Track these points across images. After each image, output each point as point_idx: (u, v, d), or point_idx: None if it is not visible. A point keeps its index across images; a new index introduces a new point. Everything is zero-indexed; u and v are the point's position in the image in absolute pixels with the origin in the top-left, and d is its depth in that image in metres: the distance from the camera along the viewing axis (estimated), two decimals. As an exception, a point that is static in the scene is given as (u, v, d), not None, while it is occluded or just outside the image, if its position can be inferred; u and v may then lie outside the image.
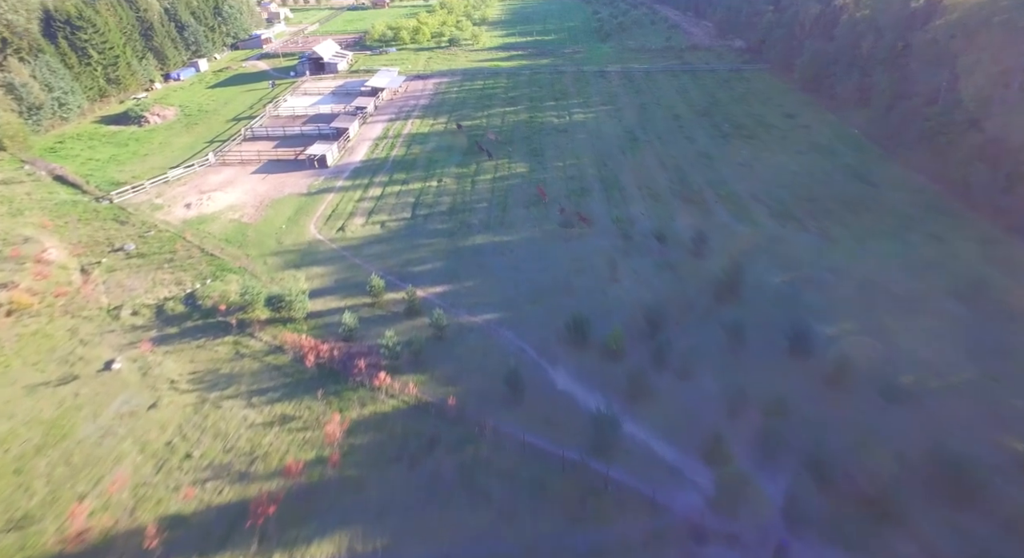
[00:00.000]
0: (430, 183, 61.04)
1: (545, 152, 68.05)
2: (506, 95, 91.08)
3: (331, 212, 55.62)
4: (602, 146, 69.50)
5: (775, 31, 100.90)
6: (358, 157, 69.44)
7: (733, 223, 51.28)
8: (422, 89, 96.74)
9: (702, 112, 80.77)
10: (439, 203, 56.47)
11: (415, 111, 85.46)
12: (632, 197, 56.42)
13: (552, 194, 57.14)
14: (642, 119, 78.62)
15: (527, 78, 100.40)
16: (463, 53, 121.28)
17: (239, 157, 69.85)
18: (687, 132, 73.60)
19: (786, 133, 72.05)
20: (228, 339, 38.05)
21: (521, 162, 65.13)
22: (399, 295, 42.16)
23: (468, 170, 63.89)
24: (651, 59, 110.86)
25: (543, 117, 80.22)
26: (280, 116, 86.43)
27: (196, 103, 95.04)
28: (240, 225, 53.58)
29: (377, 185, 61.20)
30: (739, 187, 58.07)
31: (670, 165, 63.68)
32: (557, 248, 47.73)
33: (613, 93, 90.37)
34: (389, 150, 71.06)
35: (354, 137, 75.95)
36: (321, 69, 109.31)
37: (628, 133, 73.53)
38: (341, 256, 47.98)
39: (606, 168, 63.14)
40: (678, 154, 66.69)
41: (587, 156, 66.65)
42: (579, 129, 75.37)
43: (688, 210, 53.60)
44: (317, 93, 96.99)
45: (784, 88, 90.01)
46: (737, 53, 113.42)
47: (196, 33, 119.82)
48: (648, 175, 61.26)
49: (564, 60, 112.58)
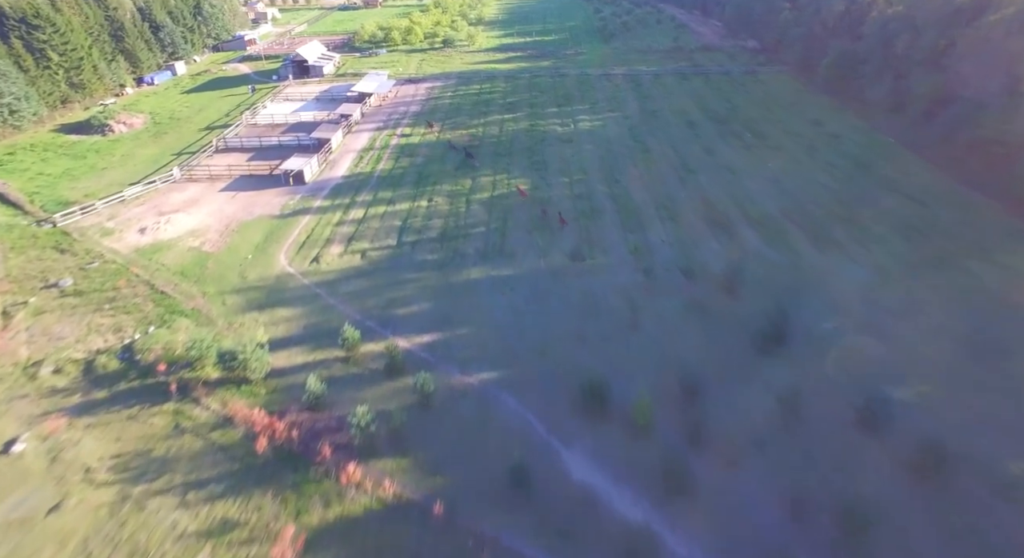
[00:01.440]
0: (419, 203, 54.37)
1: (548, 165, 61.44)
2: (504, 101, 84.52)
3: (305, 238, 48.93)
4: (611, 158, 62.92)
5: (793, 30, 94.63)
6: (340, 171, 62.75)
7: (767, 251, 44.68)
8: (413, 94, 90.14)
9: (719, 119, 74.30)
10: (429, 227, 49.79)
11: (405, 119, 78.85)
12: (649, 219, 49.81)
13: (565, 217, 50.49)
14: (653, 127, 72.09)
15: (527, 82, 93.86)
16: (458, 55, 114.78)
17: (207, 172, 63.12)
18: (704, 141, 67.09)
19: (814, 142, 65.60)
20: (168, 407, 31.30)
21: (522, 177, 58.50)
22: (379, 346, 35.51)
23: (462, 186, 57.23)
24: (659, 61, 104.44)
25: (545, 125, 73.64)
26: (258, 124, 79.76)
27: (168, 110, 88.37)
28: (200, 255, 46.82)
29: (359, 205, 54.52)
30: (769, 206, 51.53)
31: (689, 180, 57.13)
32: (566, 284, 41.07)
33: (620, 98, 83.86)
34: (375, 163, 64.39)
35: (337, 148, 69.28)
36: (305, 72, 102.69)
37: (639, 143, 66.96)
38: (313, 295, 41.25)
39: (617, 184, 56.55)
40: (697, 167, 60.15)
41: (595, 170, 60.06)
42: (585, 138, 68.79)
43: (714, 235, 46.99)
44: (300, 99, 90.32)
45: (805, 91, 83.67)
46: (751, 54, 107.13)
47: (173, 34, 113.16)
48: (665, 192, 54.68)
49: (566, 62, 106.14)
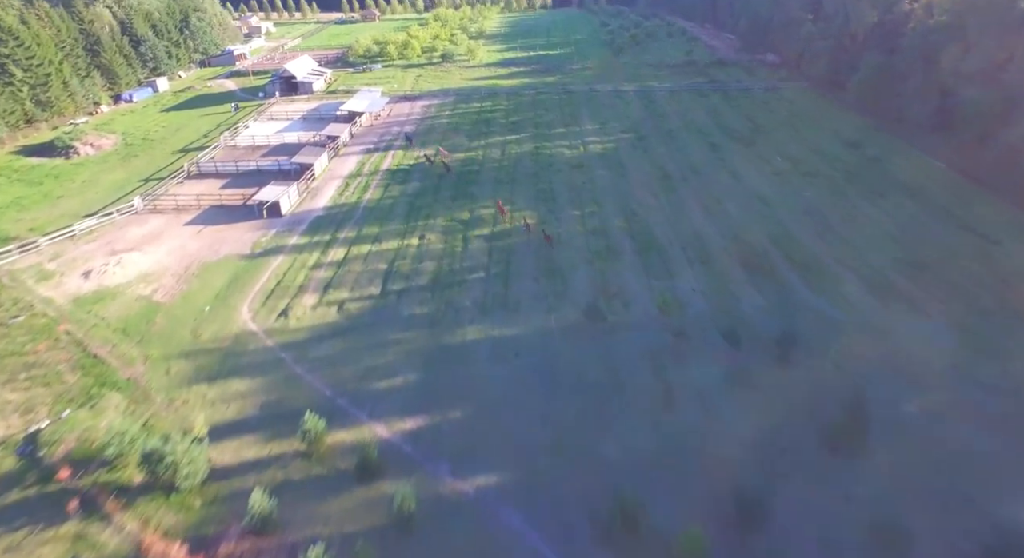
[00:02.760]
0: (409, 241, 47.87)
1: (557, 195, 55.02)
2: (507, 120, 78.49)
3: (275, 285, 42.38)
4: (628, 187, 56.49)
5: (817, 43, 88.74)
6: (322, 202, 56.40)
7: (820, 303, 37.91)
8: (408, 113, 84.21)
9: (743, 140, 68.03)
10: (419, 272, 43.20)
11: (398, 140, 72.74)
12: (676, 262, 43.15)
13: (575, 258, 43.91)
14: (672, 150, 65.79)
15: (531, 99, 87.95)
16: (457, 70, 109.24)
17: (174, 202, 56.88)
18: (730, 166, 60.70)
19: (854, 168, 59.14)
20: (67, 528, 24.48)
21: (527, 209, 52.04)
22: (351, 435, 28.81)
23: (459, 220, 50.78)
24: (672, 76, 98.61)
25: (552, 148, 67.39)
26: (237, 147, 73.76)
27: (143, 129, 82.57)
28: (149, 305, 40.26)
29: (341, 243, 48.05)
30: (814, 246, 44.88)
31: (718, 213, 50.60)
32: (581, 348, 34.32)
33: (634, 117, 77.74)
34: (361, 192, 58.05)
35: (321, 174, 63.03)
36: (294, 89, 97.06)
37: (658, 169, 60.59)
38: (276, 361, 34.55)
39: (636, 218, 50.02)
40: (725, 197, 53.67)
41: (610, 201, 53.60)
42: (597, 164, 62.44)
43: (753, 282, 40.27)
44: (285, 118, 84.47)
45: (835, 110, 77.50)
46: (770, 68, 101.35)
47: (155, 48, 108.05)
48: (692, 228, 48.11)
49: (573, 78, 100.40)
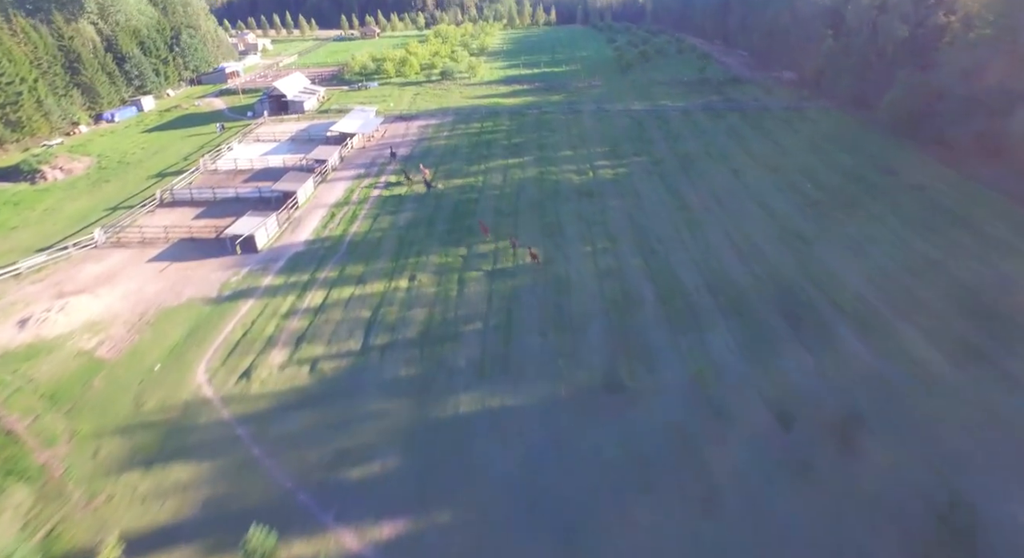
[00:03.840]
0: (397, 282, 42.36)
1: (565, 228, 49.60)
2: (509, 141, 73.54)
3: (240, 337, 36.82)
4: (644, 219, 51.08)
5: (840, 60, 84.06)
6: (303, 235, 51.11)
7: (884, 367, 32.05)
8: (404, 133, 79.42)
9: (768, 165, 62.78)
10: (407, 322, 37.61)
11: (392, 164, 67.73)
12: (706, 312, 37.46)
13: (588, 306, 38.31)
14: (691, 176, 60.53)
15: (535, 119, 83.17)
16: (457, 88, 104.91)
17: (139, 234, 51.68)
18: (757, 195, 55.33)
19: (896, 197, 53.71)
20: None
21: (531, 244, 46.52)
22: (310, 549, 22.99)
23: (454, 259, 45.31)
24: (686, 95, 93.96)
25: (558, 173, 62.20)
26: (218, 171, 68.89)
27: (120, 151, 78.00)
28: (90, 363, 34.70)
29: (320, 285, 42.57)
30: (862, 289, 39.20)
31: (749, 251, 45.04)
32: (598, 430, 28.52)
33: (646, 139, 72.73)
34: (347, 223, 52.78)
35: (305, 203, 57.86)
36: (284, 108, 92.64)
37: (677, 198, 55.25)
38: (232, 439, 28.85)
39: (656, 257, 44.48)
40: (754, 231, 48.18)
41: (625, 234, 48.15)
42: (608, 191, 57.15)
43: (801, 339, 34.51)
44: (272, 139, 79.76)
45: (864, 131, 72.37)
46: (789, 87, 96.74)
47: (141, 66, 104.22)
48: (721, 269, 42.51)
49: (579, 96, 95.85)
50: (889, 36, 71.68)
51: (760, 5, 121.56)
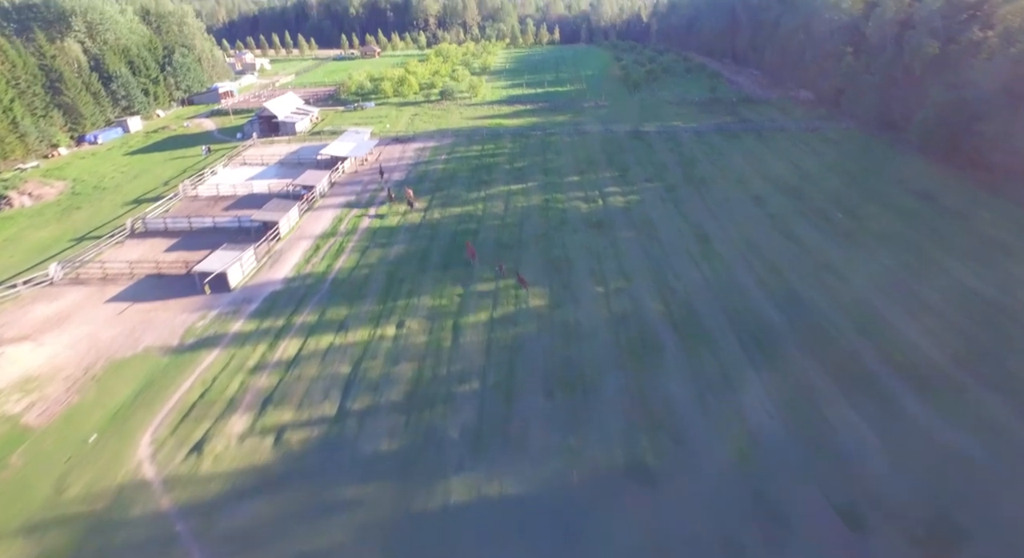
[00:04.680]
0: (384, 329, 37.53)
1: (573, 264, 44.84)
2: (511, 166, 69.23)
3: (198, 397, 31.93)
4: (659, 252, 46.33)
5: (862, 78, 79.97)
6: (283, 271, 46.45)
7: (961, 440, 26.87)
8: (399, 157, 75.27)
9: (791, 191, 58.25)
10: (392, 379, 32.69)
11: (384, 190, 63.36)
12: (736, 364, 32.47)
13: (601, 358, 33.37)
14: (708, 203, 55.93)
15: (539, 141, 79.04)
16: (457, 108, 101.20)
17: (101, 270, 47.09)
18: (781, 224, 50.64)
19: (935, 224, 49.05)
20: None
21: (536, 284, 41.78)
22: None
23: (450, 300, 40.51)
24: (697, 115, 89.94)
25: (565, 201, 57.67)
26: (198, 197, 64.62)
27: (98, 175, 73.99)
28: (12, 433, 29.81)
29: (296, 333, 37.74)
30: (918, 338, 34.17)
31: (777, 289, 40.17)
32: (618, 526, 23.38)
33: (659, 162, 68.37)
34: (332, 258, 48.14)
35: (288, 234, 53.34)
36: (275, 130, 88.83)
37: (694, 228, 50.58)
38: (167, 538, 23.77)
39: (675, 297, 39.60)
40: (782, 265, 43.37)
41: (640, 272, 43.33)
42: (620, 221, 52.55)
43: (853, 402, 29.42)
44: (259, 163, 75.66)
45: (892, 153, 67.95)
46: (805, 106, 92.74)
47: (128, 86, 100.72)
48: (749, 311, 37.60)
49: (585, 116, 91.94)
50: (917, 53, 67.54)
51: (771, 23, 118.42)
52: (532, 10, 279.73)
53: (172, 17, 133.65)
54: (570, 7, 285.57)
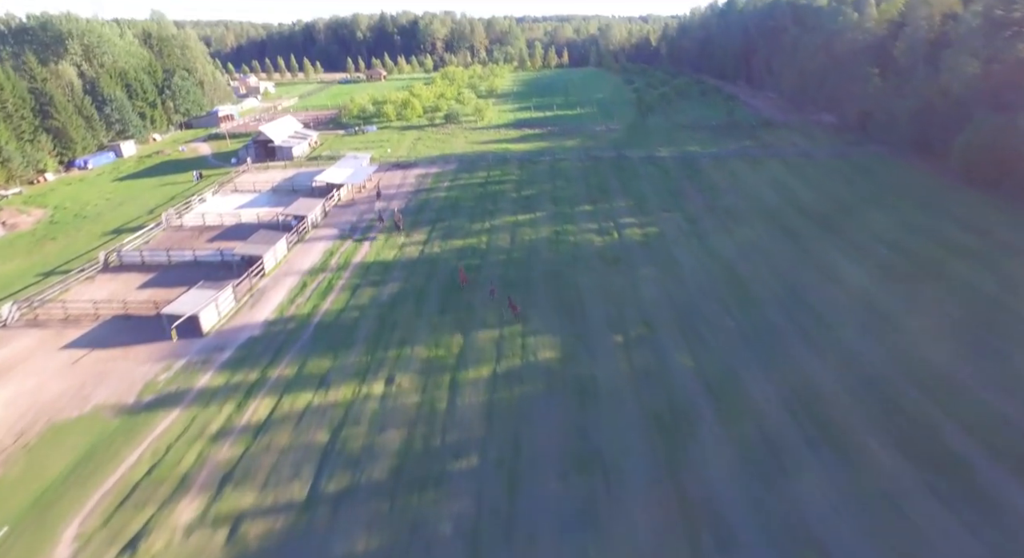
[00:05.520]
0: (370, 387, 32.71)
1: (587, 308, 40.02)
2: (519, 194, 65.02)
3: (144, 474, 27.11)
4: (686, 295, 41.45)
5: (892, 101, 75.65)
6: (264, 312, 41.91)
7: (1071, 544, 21.52)
8: (399, 184, 71.34)
9: (826, 223, 53.51)
10: (376, 452, 27.76)
11: (382, 220, 59.16)
12: (789, 444, 27.30)
13: (623, 429, 28.30)
14: (736, 238, 51.19)
15: (548, 167, 75.00)
16: (462, 132, 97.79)
17: (63, 310, 42.71)
18: (820, 261, 45.76)
19: (996, 263, 43.91)
20: None
21: (546, 332, 36.99)
22: None
23: (447, 351, 35.71)
24: (715, 140, 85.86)
25: (577, 233, 53.14)
26: (183, 227, 60.69)
27: (82, 203, 70.48)
28: (-76, 518, 24.92)
29: (270, 389, 32.98)
30: (1007, 409, 28.81)
31: (825, 342, 35.11)
32: None
33: (677, 190, 63.95)
34: (320, 298, 43.58)
35: (273, 269, 48.98)
36: (271, 154, 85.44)
37: (723, 265, 45.79)
38: None
39: (708, 351, 34.61)
40: (827, 313, 38.36)
41: (665, 319, 38.40)
42: (638, 256, 47.85)
43: (944, 499, 24.04)
44: (252, 189, 71.93)
45: (932, 181, 63.18)
46: (830, 131, 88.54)
47: (123, 109, 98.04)
48: (797, 371, 32.51)
49: (597, 141, 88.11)
50: (955, 73, 63.20)
51: (789, 45, 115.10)
52: (540, 34, 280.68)
53: (174, 40, 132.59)
54: (578, 31, 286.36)
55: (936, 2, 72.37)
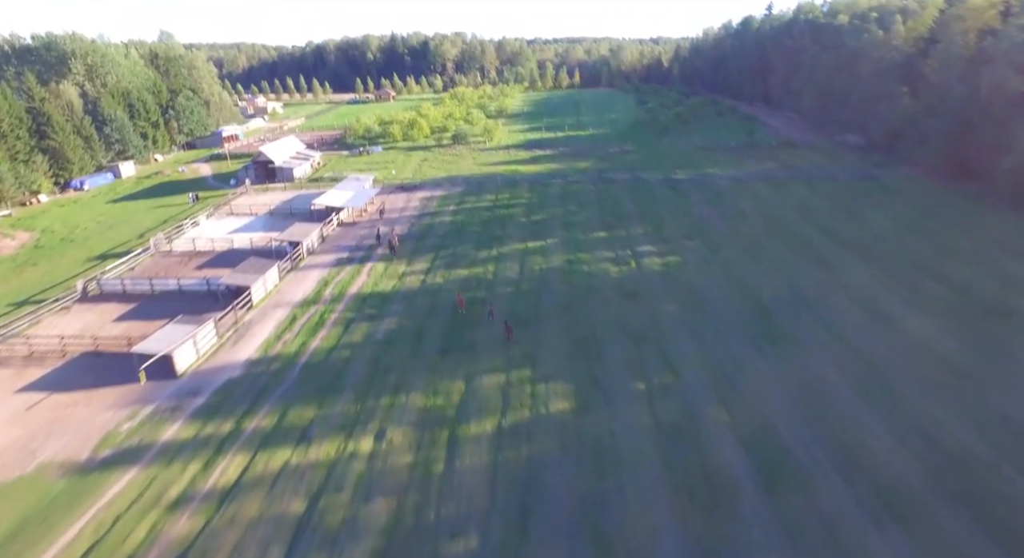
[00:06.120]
0: (358, 442, 28.73)
1: (604, 349, 35.95)
2: (528, 219, 61.41)
3: (83, 554, 23.06)
4: (714, 334, 37.28)
5: (924, 121, 71.73)
6: (247, 351, 38.22)
7: None
8: (403, 207, 68.07)
9: (863, 253, 49.30)
10: (359, 528, 23.68)
11: (382, 247, 55.72)
12: (847, 520, 22.98)
13: (648, 502, 24.04)
14: (765, 268, 47.07)
15: (559, 191, 71.54)
16: (470, 153, 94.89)
17: (26, 346, 39.26)
18: (858, 294, 41.54)
19: (1061, 302, 39.33)
20: None
21: (558, 376, 32.98)
22: None
23: (446, 401, 31.72)
24: (735, 161, 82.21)
25: (591, 263, 49.27)
26: (172, 253, 57.54)
27: (71, 225, 67.75)
28: None
29: (244, 444, 29.09)
30: (1099, 479, 24.31)
31: (876, 391, 30.82)
32: None
33: (698, 216, 60.08)
34: (309, 334, 39.85)
35: (262, 301, 45.44)
36: (271, 176, 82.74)
37: (750, 298, 41.66)
38: None
39: (742, 403, 30.37)
40: (874, 355, 34.10)
41: (691, 363, 34.23)
42: (659, 290, 43.81)
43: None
44: (249, 213, 68.93)
45: (975, 207, 58.97)
46: (856, 152, 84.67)
47: (123, 130, 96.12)
48: (847, 428, 28.19)
49: (611, 163, 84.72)
50: (997, 90, 59.23)
51: (808, 65, 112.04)
52: (551, 55, 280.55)
53: (181, 61, 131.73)
54: (589, 52, 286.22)
55: (971, 17, 68.82)
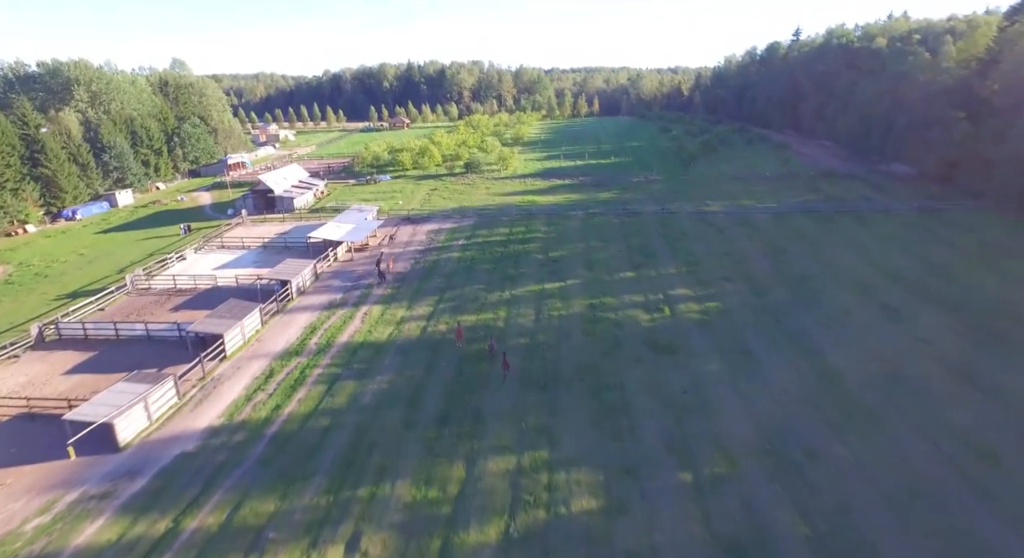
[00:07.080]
0: (323, 554, 22.34)
1: (636, 420, 29.52)
2: (545, 255, 55.58)
3: None
4: (772, 404, 30.66)
5: (990, 149, 65.26)
6: (210, 414, 32.42)
7: None
8: (407, 241, 62.74)
9: (937, 299, 42.48)
10: None
11: (381, 287, 50.14)
12: None
13: None
14: (822, 317, 40.43)
15: (580, 224, 65.83)
16: (483, 182, 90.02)
17: (-42, 407, 33.82)
18: (945, 356, 34.67)
19: None
20: None
21: (581, 461, 26.68)
22: None
23: (441, 490, 25.47)
24: (773, 193, 76.12)
25: (618, 308, 43.03)
26: (150, 290, 52.48)
27: (50, 258, 63.55)
28: None
29: (178, 554, 22.85)
30: None
31: (988, 478, 23.88)
32: None
33: (737, 254, 53.77)
34: (285, 395, 33.95)
35: (238, 351, 39.79)
36: (270, 205, 78.33)
37: (810, 355, 35.05)
38: None
39: (820, 500, 23.67)
40: (977, 430, 27.21)
41: (746, 441, 27.64)
42: (698, 342, 37.38)
43: None
44: (240, 246, 64.10)
45: (1057, 245, 51.84)
46: (905, 182, 78.34)
47: (123, 157, 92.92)
48: (961, 540, 21.22)
49: (635, 193, 79.18)
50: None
51: (843, 91, 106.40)
52: (569, 83, 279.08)
53: (192, 88, 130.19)
54: (608, 81, 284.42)
55: (1039, 34, 62.89)
